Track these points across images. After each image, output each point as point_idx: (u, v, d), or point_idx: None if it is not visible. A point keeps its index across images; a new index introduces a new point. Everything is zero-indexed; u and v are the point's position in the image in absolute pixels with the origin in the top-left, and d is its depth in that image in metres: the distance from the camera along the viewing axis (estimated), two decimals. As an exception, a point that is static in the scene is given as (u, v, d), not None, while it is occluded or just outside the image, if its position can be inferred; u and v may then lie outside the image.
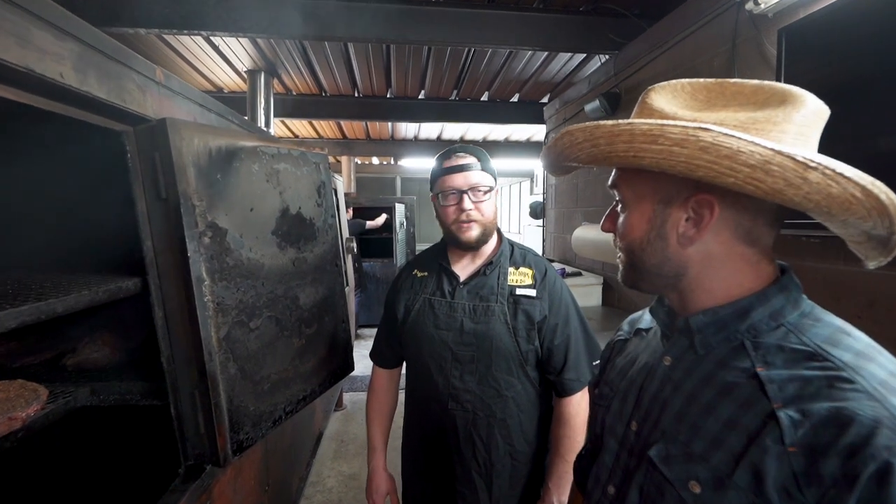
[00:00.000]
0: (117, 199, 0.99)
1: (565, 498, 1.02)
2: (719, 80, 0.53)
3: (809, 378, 0.43)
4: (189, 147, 0.96)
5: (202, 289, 0.96)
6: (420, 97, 4.88)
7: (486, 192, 1.04)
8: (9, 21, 0.60)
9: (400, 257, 5.61)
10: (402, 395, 1.25)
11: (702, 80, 0.53)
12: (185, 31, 2.67)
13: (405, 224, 5.91)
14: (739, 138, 0.41)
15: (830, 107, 0.48)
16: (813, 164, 0.39)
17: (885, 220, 0.40)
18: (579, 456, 0.76)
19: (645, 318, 0.69)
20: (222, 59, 3.79)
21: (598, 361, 0.85)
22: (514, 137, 7.65)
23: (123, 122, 0.91)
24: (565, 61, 3.82)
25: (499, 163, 9.31)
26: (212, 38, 3.33)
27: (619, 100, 2.60)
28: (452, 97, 4.89)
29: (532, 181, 10.21)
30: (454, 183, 1.04)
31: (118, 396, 1.03)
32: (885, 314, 1.25)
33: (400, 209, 5.74)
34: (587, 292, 2.66)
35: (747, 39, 1.66)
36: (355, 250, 4.24)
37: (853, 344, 0.45)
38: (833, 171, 0.40)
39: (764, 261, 0.51)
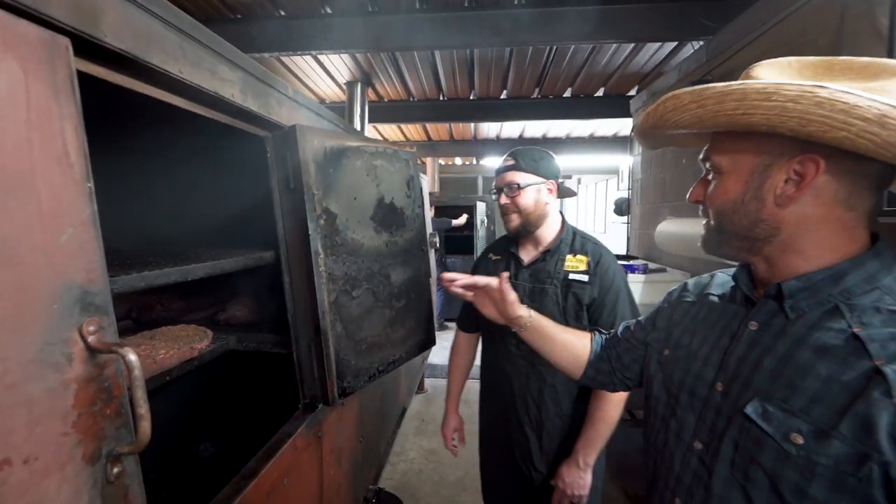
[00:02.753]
0: (257, 190, 1.27)
1: (591, 459, 1.13)
2: (826, 57, 0.53)
3: None
4: (311, 147, 1.20)
5: (318, 261, 1.19)
6: (502, 97, 4.99)
7: (518, 189, 1.19)
8: (205, 60, 0.86)
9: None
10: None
11: (808, 57, 0.54)
12: (299, 52, 3.10)
13: (486, 222, 6.05)
14: (857, 94, 0.43)
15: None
16: None
17: None
18: (650, 410, 0.74)
19: (715, 283, 0.71)
20: (325, 73, 4.27)
21: (627, 322, 0.89)
22: (599, 133, 7.39)
23: (265, 129, 1.17)
24: (654, 51, 3.67)
25: (583, 160, 9.02)
26: (318, 56, 3.78)
27: (711, 88, 2.47)
28: (534, 95, 4.93)
29: (618, 178, 9.72)
30: (496, 182, 1.25)
31: (255, 344, 1.32)
32: None
33: (481, 207, 5.89)
34: (669, 288, 2.56)
35: (858, 14, 1.53)
36: (438, 245, 4.48)
37: None
38: None
39: (859, 227, 0.52)
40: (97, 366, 0.57)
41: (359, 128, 4.39)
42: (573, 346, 0.89)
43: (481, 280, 0.93)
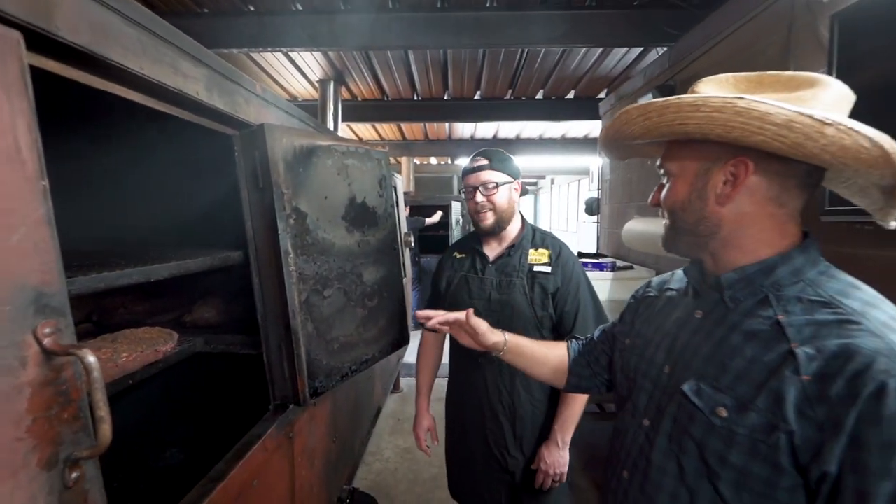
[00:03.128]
0: (226, 189, 1.25)
1: (568, 438, 1.22)
2: (759, 73, 0.62)
3: (822, 321, 0.51)
4: (280, 146, 1.18)
5: (288, 261, 1.18)
6: (476, 98, 5.03)
7: (495, 187, 1.24)
8: (167, 56, 0.84)
9: (455, 253, 5.79)
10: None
11: (743, 73, 0.63)
12: (269, 49, 3.04)
13: (461, 221, 6.09)
14: (768, 103, 0.49)
15: (886, 96, 0.53)
16: (829, 121, 0.47)
17: (889, 169, 0.47)
18: (617, 396, 0.82)
19: (674, 279, 0.78)
20: (298, 70, 4.20)
21: (604, 325, 0.95)
22: (570, 135, 7.55)
23: (233, 127, 1.15)
24: (622, 55, 3.78)
25: (555, 160, 9.19)
26: (290, 53, 3.72)
27: (674, 92, 2.57)
28: (507, 97, 4.99)
29: (589, 178, 9.96)
30: (469, 181, 1.28)
31: (224, 346, 1.29)
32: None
33: (456, 207, 5.92)
34: (636, 285, 2.65)
35: (804, 26, 1.63)
36: (413, 245, 4.48)
37: (861, 295, 0.53)
38: (845, 125, 0.47)
39: (791, 223, 0.58)
40: (53, 369, 0.55)
41: (332, 127, 4.34)
42: (551, 358, 0.95)
43: (451, 316, 0.97)
